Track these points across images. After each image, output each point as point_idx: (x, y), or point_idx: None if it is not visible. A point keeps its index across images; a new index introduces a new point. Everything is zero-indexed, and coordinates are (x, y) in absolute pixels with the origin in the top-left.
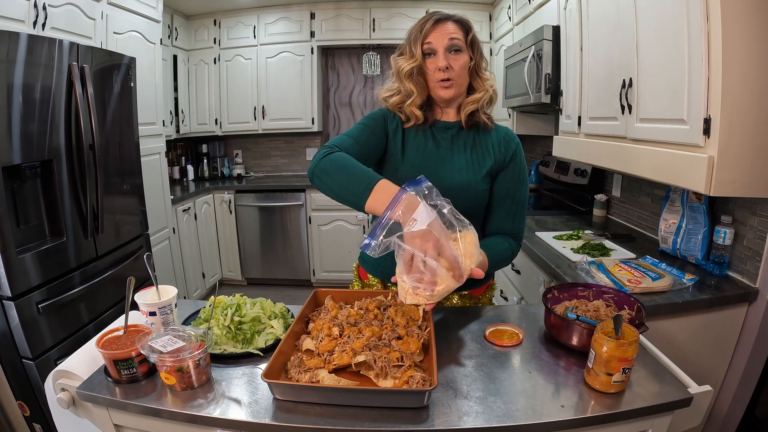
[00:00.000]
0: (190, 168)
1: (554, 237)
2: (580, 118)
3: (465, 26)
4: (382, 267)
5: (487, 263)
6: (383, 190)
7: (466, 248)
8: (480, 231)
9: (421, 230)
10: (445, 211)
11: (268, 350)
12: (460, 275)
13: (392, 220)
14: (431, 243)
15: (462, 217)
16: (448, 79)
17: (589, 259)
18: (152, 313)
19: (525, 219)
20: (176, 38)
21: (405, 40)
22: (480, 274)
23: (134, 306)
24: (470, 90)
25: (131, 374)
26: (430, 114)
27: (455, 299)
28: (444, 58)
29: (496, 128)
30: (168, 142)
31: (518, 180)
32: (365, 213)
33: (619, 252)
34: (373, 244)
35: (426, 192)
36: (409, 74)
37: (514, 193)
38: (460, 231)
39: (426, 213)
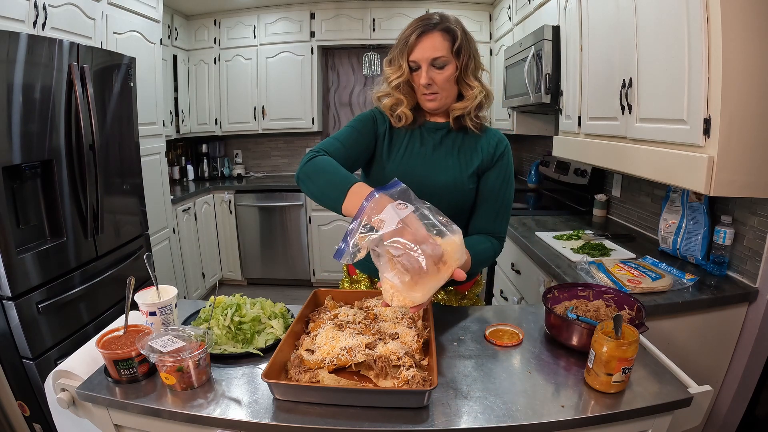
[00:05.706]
0: (190, 168)
1: (554, 237)
2: (580, 118)
3: (452, 35)
4: (370, 263)
5: (470, 263)
6: (357, 194)
7: (448, 250)
8: (464, 230)
9: (394, 229)
10: (425, 211)
11: (268, 350)
12: (446, 271)
13: (362, 224)
14: (409, 237)
15: (444, 219)
16: (433, 92)
17: (589, 259)
18: (152, 313)
19: (508, 221)
20: (176, 38)
21: (394, 46)
22: (461, 275)
23: (134, 306)
24: (461, 96)
25: (131, 374)
26: (420, 115)
27: (441, 295)
28: (426, 74)
29: (487, 131)
30: (168, 142)
31: (503, 180)
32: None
33: (619, 252)
34: (343, 249)
35: (397, 195)
36: (397, 86)
37: (498, 193)
38: (443, 236)
39: (393, 212)
